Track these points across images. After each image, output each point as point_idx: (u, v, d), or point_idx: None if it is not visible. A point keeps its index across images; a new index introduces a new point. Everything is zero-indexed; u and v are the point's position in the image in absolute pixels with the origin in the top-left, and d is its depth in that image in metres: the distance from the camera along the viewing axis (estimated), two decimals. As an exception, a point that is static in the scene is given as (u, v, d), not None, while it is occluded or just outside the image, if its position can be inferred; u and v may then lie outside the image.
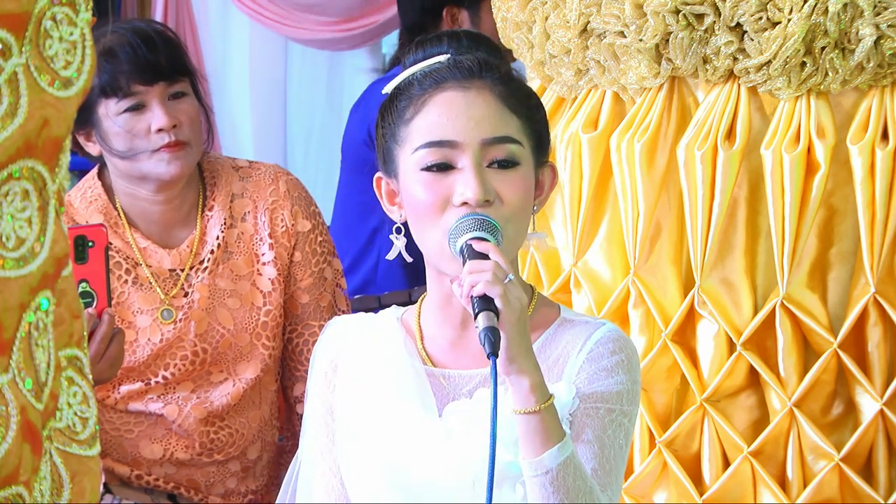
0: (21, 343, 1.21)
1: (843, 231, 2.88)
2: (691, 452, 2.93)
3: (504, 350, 1.96)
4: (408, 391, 2.15)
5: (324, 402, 2.23)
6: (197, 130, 2.96)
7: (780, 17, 2.78)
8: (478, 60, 2.14)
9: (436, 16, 4.65)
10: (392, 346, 2.19)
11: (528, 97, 2.17)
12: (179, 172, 2.94)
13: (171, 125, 2.91)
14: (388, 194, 2.17)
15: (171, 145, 2.91)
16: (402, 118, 2.13)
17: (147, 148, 2.91)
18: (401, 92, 2.15)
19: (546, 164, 2.18)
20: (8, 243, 1.20)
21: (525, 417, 1.99)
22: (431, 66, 2.14)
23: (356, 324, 2.26)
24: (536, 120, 2.16)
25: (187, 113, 2.94)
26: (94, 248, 2.65)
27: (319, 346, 2.27)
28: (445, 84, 2.12)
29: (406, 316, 2.24)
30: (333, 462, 2.21)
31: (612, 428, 2.10)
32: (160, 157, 2.92)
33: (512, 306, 1.96)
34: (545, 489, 1.99)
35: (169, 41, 2.96)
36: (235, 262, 3.02)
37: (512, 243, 2.10)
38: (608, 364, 2.12)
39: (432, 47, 2.19)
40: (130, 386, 3.01)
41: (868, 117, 2.82)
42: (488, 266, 1.97)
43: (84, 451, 1.30)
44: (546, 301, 2.23)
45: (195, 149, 2.96)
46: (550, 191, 2.20)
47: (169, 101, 2.93)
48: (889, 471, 2.89)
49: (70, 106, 1.24)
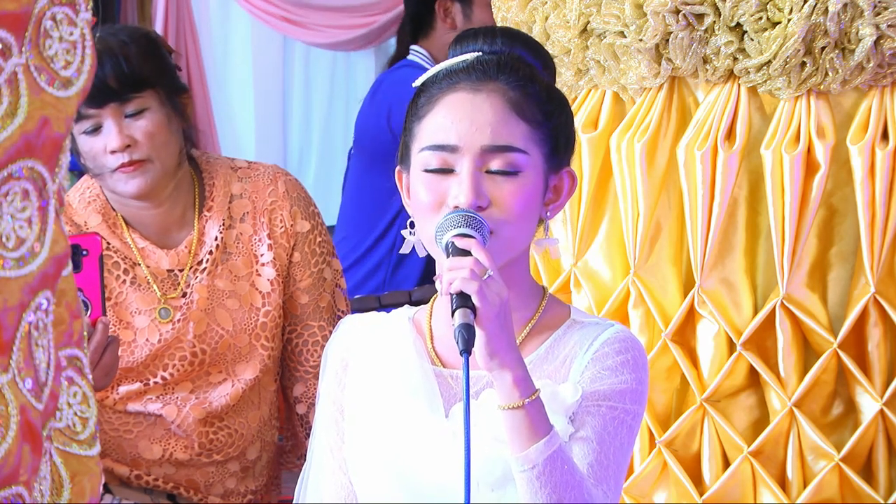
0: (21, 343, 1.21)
1: (843, 231, 2.88)
2: (691, 452, 2.93)
3: (484, 346, 1.96)
4: (415, 391, 2.15)
5: (334, 400, 2.24)
6: (160, 144, 2.91)
7: (780, 17, 2.78)
8: (497, 61, 2.13)
9: (429, 9, 4.65)
10: (402, 346, 2.19)
11: (546, 101, 2.14)
12: (140, 190, 2.92)
13: (124, 145, 2.88)
14: (407, 188, 2.18)
15: (127, 165, 2.89)
16: (418, 115, 2.14)
17: (107, 168, 2.90)
18: (424, 88, 2.16)
19: (563, 169, 2.17)
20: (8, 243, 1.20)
21: (510, 413, 1.99)
22: (454, 65, 2.14)
23: (367, 323, 2.26)
24: (554, 125, 2.14)
25: (145, 129, 2.89)
26: (88, 257, 2.65)
27: (331, 344, 2.27)
28: (458, 85, 2.12)
29: (418, 316, 2.24)
30: (343, 460, 2.21)
31: (613, 425, 2.09)
32: (119, 177, 2.90)
33: (490, 302, 1.95)
34: (532, 484, 1.99)
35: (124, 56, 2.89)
36: (234, 262, 3.02)
37: (508, 245, 2.10)
38: (613, 363, 2.11)
39: (467, 44, 2.18)
40: (129, 386, 3.01)
41: (868, 117, 2.82)
42: (467, 263, 1.97)
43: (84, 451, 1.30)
44: (556, 302, 2.22)
45: (158, 163, 2.91)
46: (568, 196, 2.18)
47: (126, 119, 2.89)
48: (889, 471, 2.89)
49: (70, 106, 1.24)
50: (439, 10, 4.63)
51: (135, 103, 2.89)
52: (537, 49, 2.22)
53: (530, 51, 2.19)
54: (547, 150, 2.13)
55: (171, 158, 2.95)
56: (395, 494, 2.13)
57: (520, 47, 2.18)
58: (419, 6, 4.67)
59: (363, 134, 4.72)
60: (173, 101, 2.97)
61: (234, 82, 7.92)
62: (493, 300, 1.96)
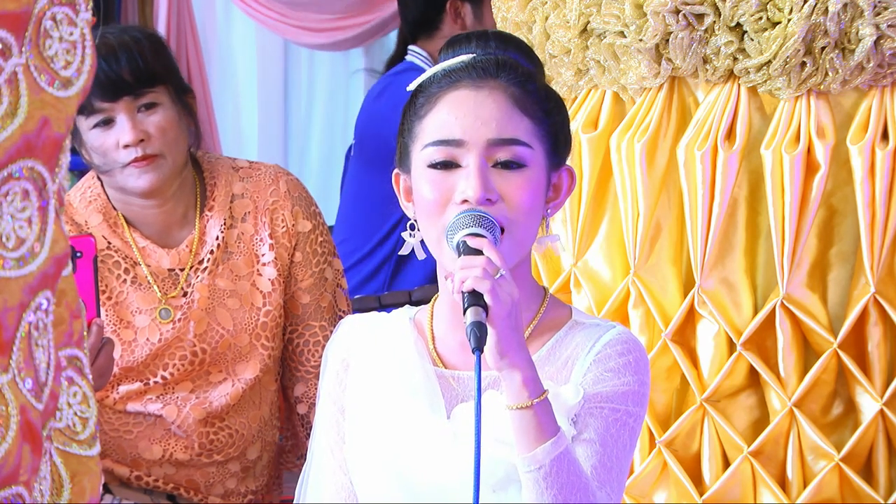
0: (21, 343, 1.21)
1: (843, 231, 2.88)
2: (691, 452, 2.93)
3: (494, 345, 1.96)
4: (417, 392, 2.15)
5: (335, 400, 2.24)
6: (171, 140, 2.93)
7: (780, 17, 2.78)
8: (496, 61, 2.14)
9: (439, 10, 4.65)
10: (403, 347, 2.19)
11: (545, 99, 2.15)
12: (152, 185, 2.93)
13: (138, 140, 2.89)
14: (405, 191, 2.18)
15: (140, 159, 2.90)
16: (418, 115, 2.14)
17: (118, 163, 2.91)
18: (421, 89, 2.16)
19: (563, 167, 2.18)
20: (8, 243, 1.20)
21: (518, 413, 1.99)
22: (452, 66, 2.15)
23: (368, 323, 2.26)
24: (553, 122, 2.15)
25: (158, 124, 2.92)
26: (81, 259, 2.65)
27: (332, 344, 2.27)
28: (460, 83, 2.13)
29: (419, 316, 2.24)
30: (343, 461, 2.21)
31: (615, 427, 2.09)
32: (130, 172, 2.91)
33: (502, 301, 1.96)
34: (538, 485, 1.99)
35: (138, 51, 2.92)
36: (235, 262, 3.02)
37: (518, 244, 2.10)
38: (615, 365, 2.11)
39: (460, 47, 2.20)
40: (129, 386, 3.01)
41: (868, 117, 2.82)
42: (479, 262, 1.98)
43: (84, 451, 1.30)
44: (557, 303, 2.22)
45: (170, 159, 2.93)
46: (568, 194, 2.19)
47: (139, 113, 2.91)
48: (889, 471, 2.89)
49: (70, 106, 1.24)
50: (451, 10, 4.63)
51: (148, 97, 2.92)
52: (529, 53, 2.24)
53: (523, 54, 2.21)
54: (548, 146, 2.13)
55: (181, 156, 2.97)
56: (396, 495, 2.13)
57: (513, 51, 2.19)
58: (428, 7, 4.67)
59: (366, 137, 4.70)
60: (182, 99, 2.99)
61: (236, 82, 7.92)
62: (505, 299, 1.96)
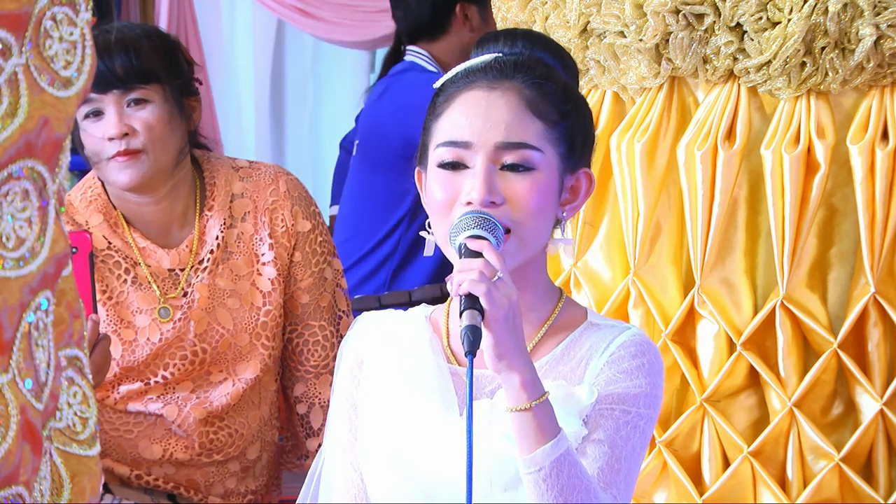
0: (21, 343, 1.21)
1: (843, 231, 2.88)
2: (691, 452, 2.93)
3: (492, 348, 1.96)
4: (430, 389, 2.15)
5: (348, 397, 2.23)
6: (157, 137, 2.92)
7: (780, 17, 2.78)
8: (514, 62, 2.14)
9: (448, 12, 4.66)
10: (418, 344, 2.19)
11: (563, 101, 2.14)
12: (132, 181, 2.92)
13: (122, 133, 2.90)
14: (426, 188, 2.18)
15: (123, 153, 2.91)
16: (435, 113, 2.15)
17: (103, 155, 2.91)
18: (443, 88, 2.17)
19: (580, 170, 2.17)
20: (8, 243, 1.20)
21: (518, 415, 1.99)
22: (472, 66, 2.15)
23: (383, 320, 2.26)
24: (570, 125, 2.14)
25: (144, 120, 2.91)
26: (77, 255, 2.65)
27: (347, 341, 2.27)
28: (475, 84, 2.13)
29: (435, 314, 2.25)
30: (355, 458, 2.21)
31: (626, 429, 2.09)
32: (113, 166, 2.92)
33: (498, 304, 1.95)
34: (539, 487, 1.99)
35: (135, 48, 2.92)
36: (235, 262, 3.02)
37: (524, 244, 2.10)
38: (628, 367, 2.11)
39: (488, 46, 2.19)
40: (130, 386, 3.01)
41: (868, 117, 2.82)
42: (476, 265, 1.98)
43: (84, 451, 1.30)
44: (573, 304, 2.22)
45: (153, 156, 2.93)
46: (586, 197, 2.18)
47: (127, 108, 2.91)
48: (889, 471, 2.89)
49: (70, 106, 1.24)
50: (460, 13, 4.65)
51: (137, 93, 2.92)
52: (558, 51, 2.23)
53: (550, 53, 2.20)
54: (563, 149, 2.13)
55: (166, 156, 2.95)
56: (408, 491, 2.13)
57: (540, 49, 2.19)
58: (437, 9, 4.67)
59: (367, 137, 4.70)
60: (179, 101, 2.98)
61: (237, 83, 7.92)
62: (502, 302, 1.96)
